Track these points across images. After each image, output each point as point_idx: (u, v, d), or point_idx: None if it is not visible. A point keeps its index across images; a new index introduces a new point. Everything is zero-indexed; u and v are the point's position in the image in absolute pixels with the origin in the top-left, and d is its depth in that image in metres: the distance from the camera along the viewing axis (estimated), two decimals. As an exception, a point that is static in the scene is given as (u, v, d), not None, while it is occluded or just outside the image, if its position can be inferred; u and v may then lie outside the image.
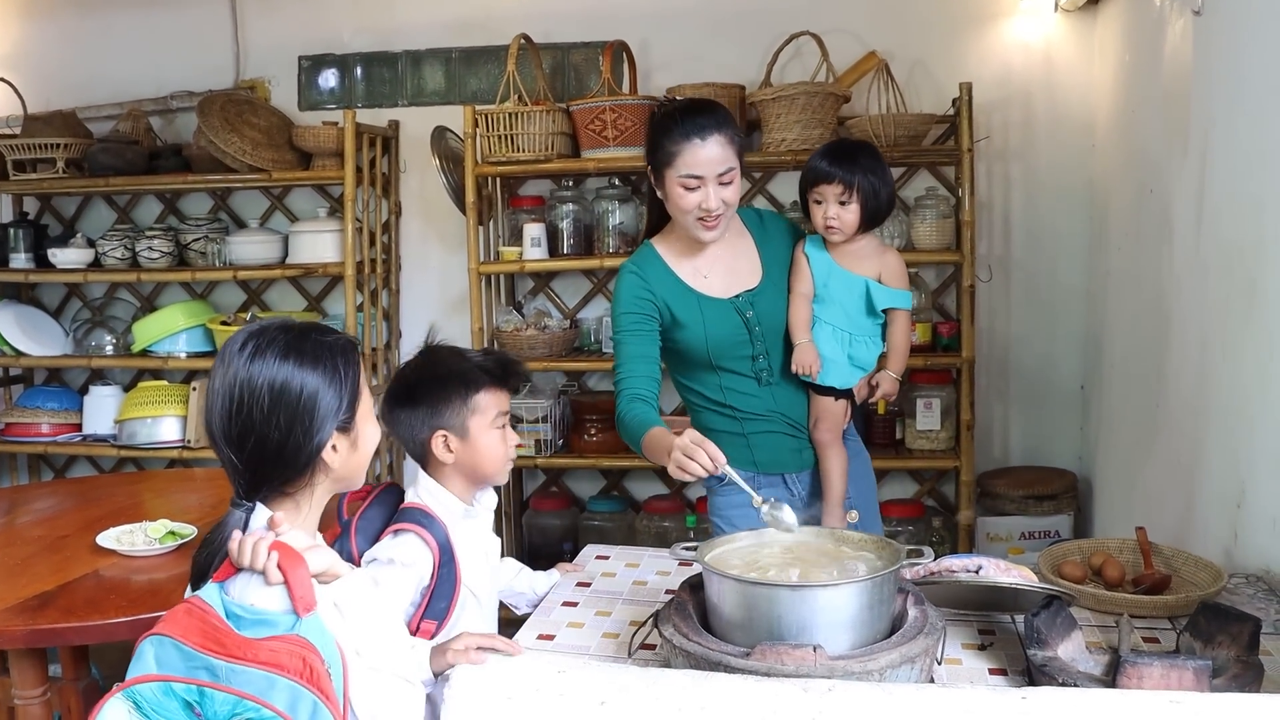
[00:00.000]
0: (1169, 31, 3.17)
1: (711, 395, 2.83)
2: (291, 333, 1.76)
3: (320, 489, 1.81)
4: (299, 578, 1.61)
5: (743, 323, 2.77)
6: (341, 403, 1.75)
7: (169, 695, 1.55)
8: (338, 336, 1.81)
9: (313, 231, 4.90)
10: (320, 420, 1.72)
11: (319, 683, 1.55)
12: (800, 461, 2.87)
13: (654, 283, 2.75)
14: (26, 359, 5.17)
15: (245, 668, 1.54)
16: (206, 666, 1.55)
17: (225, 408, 1.71)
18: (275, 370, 1.71)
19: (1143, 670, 1.72)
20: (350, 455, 1.81)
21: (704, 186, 2.61)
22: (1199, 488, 2.76)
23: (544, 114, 4.36)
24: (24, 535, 3.25)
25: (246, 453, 1.72)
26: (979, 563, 2.08)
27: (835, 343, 2.79)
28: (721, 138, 2.60)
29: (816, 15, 4.49)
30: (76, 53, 5.36)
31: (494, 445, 2.37)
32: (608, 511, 4.79)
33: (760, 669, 1.70)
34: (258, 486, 1.74)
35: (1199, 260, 2.81)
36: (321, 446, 1.74)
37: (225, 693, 1.53)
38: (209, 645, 1.57)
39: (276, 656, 1.55)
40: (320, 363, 1.74)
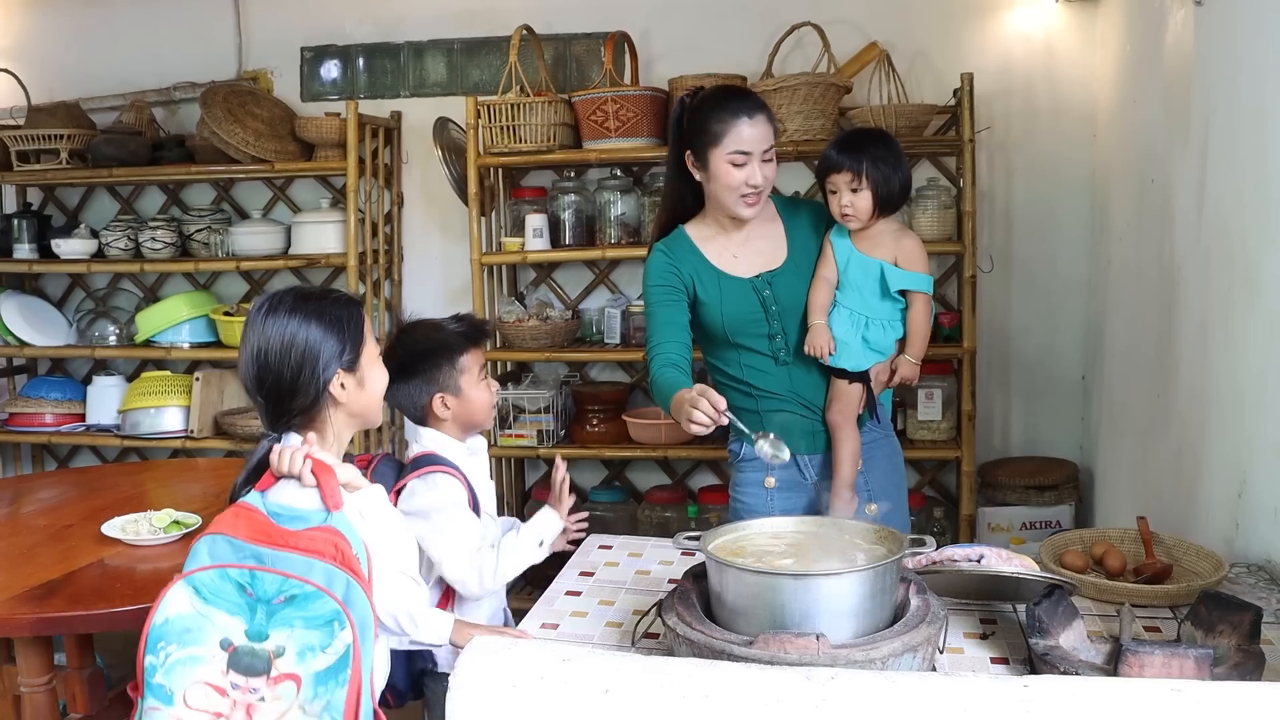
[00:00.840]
0: (1170, 22, 3.18)
1: (731, 372, 2.91)
2: (300, 294, 2.11)
3: (338, 421, 2.13)
4: (329, 481, 1.95)
5: (759, 301, 2.83)
6: (345, 347, 2.09)
7: (224, 579, 1.85)
8: (341, 294, 2.17)
9: (315, 222, 4.91)
10: (326, 361, 2.06)
11: (351, 565, 1.85)
12: (813, 444, 2.90)
13: (680, 260, 2.86)
14: (30, 349, 5.19)
15: (287, 553, 1.85)
16: (254, 554, 1.87)
17: (249, 357, 2.07)
18: (284, 322, 2.05)
19: (1144, 659, 1.73)
20: (358, 393, 2.13)
21: (750, 163, 2.73)
22: (1200, 477, 2.76)
23: (546, 105, 4.36)
24: (29, 525, 3.26)
25: (266, 390, 2.06)
26: (981, 552, 2.09)
27: (850, 325, 2.81)
28: (765, 117, 2.75)
29: (818, 6, 4.50)
30: (80, 44, 5.38)
31: (483, 396, 2.68)
32: (609, 502, 4.80)
33: (763, 657, 1.71)
34: (279, 418, 2.08)
35: (1200, 249, 2.82)
36: (328, 382, 2.06)
37: (272, 574, 1.84)
38: (256, 537, 1.88)
39: (314, 544, 1.86)
40: (324, 315, 2.08)
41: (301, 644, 1.82)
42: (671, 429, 4.49)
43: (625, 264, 4.88)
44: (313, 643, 1.81)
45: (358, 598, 1.85)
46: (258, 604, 1.84)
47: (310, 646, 1.81)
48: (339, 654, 1.81)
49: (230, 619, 1.84)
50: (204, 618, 1.85)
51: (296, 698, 1.80)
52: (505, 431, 4.56)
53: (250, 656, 1.82)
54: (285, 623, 1.82)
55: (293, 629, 1.82)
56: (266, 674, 1.81)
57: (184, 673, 1.83)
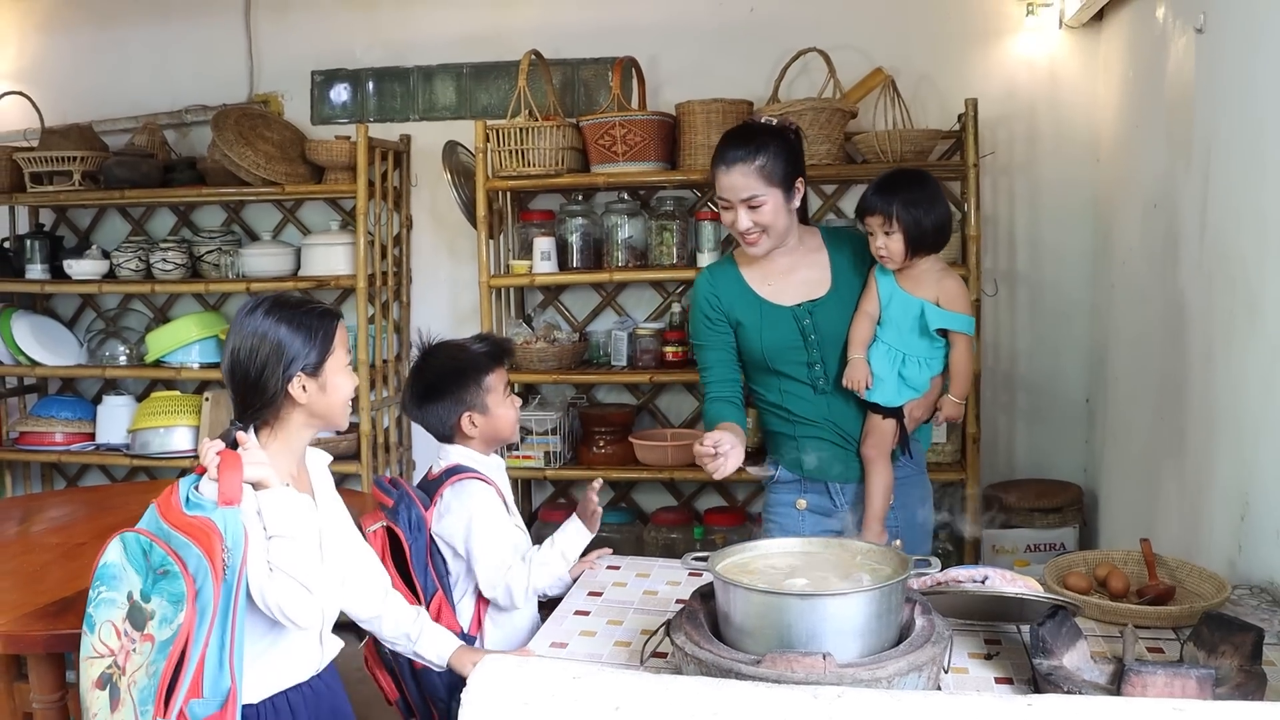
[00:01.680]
0: (1172, 48, 3.21)
1: (771, 398, 2.98)
2: (278, 300, 2.27)
3: (297, 420, 2.28)
4: (229, 479, 2.10)
5: (798, 330, 2.89)
6: (310, 352, 2.24)
7: (138, 543, 2.08)
8: (317, 304, 2.32)
9: (325, 244, 4.94)
10: (288, 361, 2.21)
11: (213, 556, 2.02)
12: (846, 472, 2.94)
13: (720, 287, 2.96)
14: (41, 368, 5.22)
15: (176, 534, 2.05)
16: (159, 528, 2.08)
17: (226, 352, 2.26)
18: (260, 322, 2.23)
19: (1147, 679, 1.75)
20: (319, 396, 2.27)
21: (734, 209, 2.80)
22: (1203, 500, 2.78)
23: (554, 129, 4.40)
24: (40, 543, 3.29)
25: (235, 383, 2.25)
26: (985, 573, 2.11)
27: (887, 361, 2.83)
28: (745, 167, 2.76)
29: (824, 32, 4.54)
30: (93, 67, 5.43)
31: (508, 412, 2.85)
32: (616, 523, 4.81)
33: (771, 676, 1.73)
34: (244, 411, 2.25)
35: (1203, 274, 2.85)
36: (288, 381, 2.22)
37: (161, 548, 2.04)
38: (165, 513, 2.10)
39: (193, 530, 2.04)
40: (294, 320, 2.24)
41: (161, 614, 2.03)
42: (678, 451, 4.51)
43: (632, 287, 4.92)
44: (167, 615, 2.02)
45: (207, 587, 2.01)
46: (149, 570, 2.06)
47: (165, 618, 2.02)
48: (174, 630, 2.00)
49: (135, 576, 2.07)
50: (123, 570, 2.09)
51: (147, 656, 2.02)
52: (512, 453, 4.58)
53: (138, 612, 2.05)
54: (159, 591, 2.03)
55: (161, 599, 2.03)
56: (142, 630, 2.04)
57: (104, 610, 2.09)
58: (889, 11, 4.63)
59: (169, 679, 1.99)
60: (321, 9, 5.18)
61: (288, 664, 2.31)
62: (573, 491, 5.04)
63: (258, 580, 2.12)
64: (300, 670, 2.34)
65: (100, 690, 2.07)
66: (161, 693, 1.98)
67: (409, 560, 2.68)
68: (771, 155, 2.78)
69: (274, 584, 2.14)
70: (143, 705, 2.00)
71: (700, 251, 4.52)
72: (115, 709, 2.04)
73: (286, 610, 2.16)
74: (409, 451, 5.22)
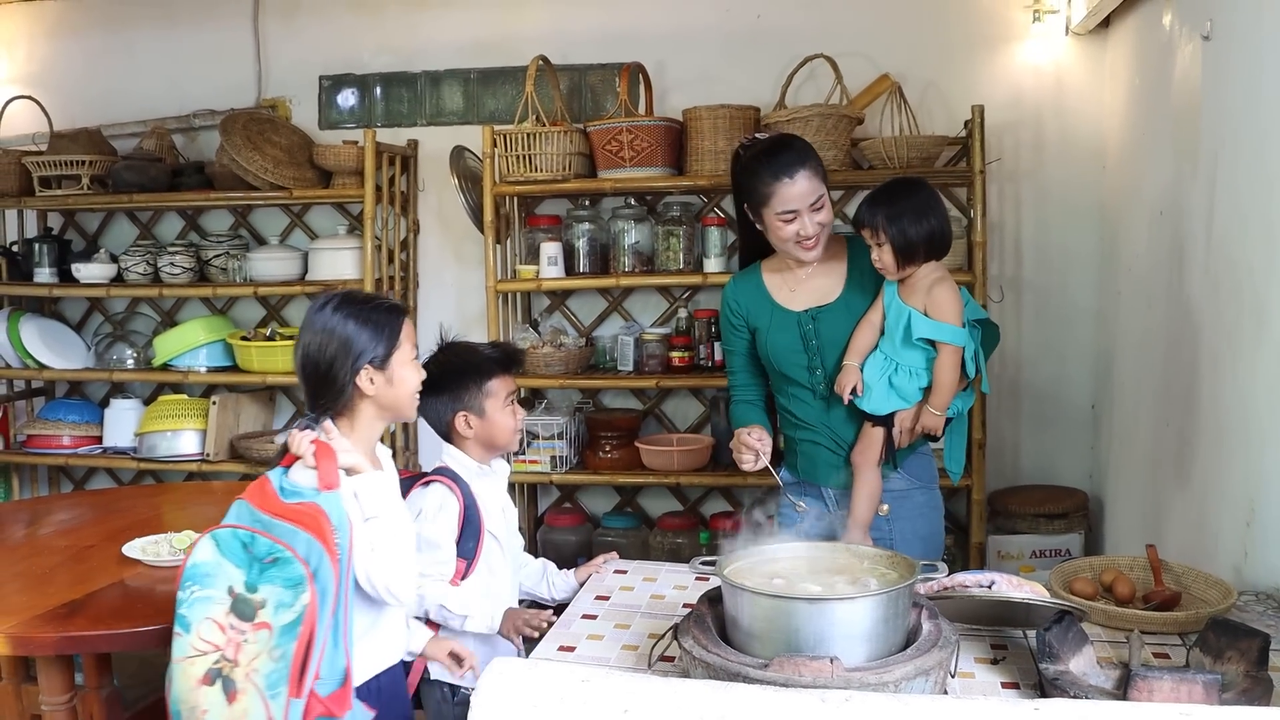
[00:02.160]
0: (1179, 56, 3.22)
1: (782, 400, 3.05)
2: (348, 296, 2.39)
3: (367, 411, 2.38)
4: (326, 464, 2.20)
5: (800, 335, 2.93)
6: (378, 346, 2.33)
7: (235, 537, 2.15)
8: (385, 300, 2.42)
9: (332, 249, 4.95)
10: (356, 354, 2.31)
11: (325, 538, 2.10)
12: (837, 478, 2.97)
13: (741, 293, 3.05)
14: (48, 372, 5.24)
15: (280, 522, 2.13)
16: (259, 520, 2.16)
17: (299, 346, 2.36)
18: (330, 317, 2.33)
19: (1153, 684, 1.75)
20: (386, 388, 2.37)
21: (800, 217, 2.82)
22: (1209, 506, 2.79)
23: (561, 134, 4.41)
24: (49, 546, 3.29)
25: (307, 375, 2.36)
26: (992, 578, 2.11)
27: (879, 369, 2.84)
28: (807, 171, 2.81)
29: (830, 38, 4.55)
30: (101, 71, 5.45)
31: (505, 420, 2.86)
32: (621, 528, 4.82)
33: (778, 680, 1.73)
34: (314, 402, 2.36)
35: (1209, 280, 2.85)
36: (356, 372, 2.32)
37: (264, 538, 2.12)
38: (263, 505, 2.17)
39: (300, 516, 2.12)
40: (365, 315, 2.34)
41: (277, 600, 2.08)
42: (684, 455, 4.52)
43: (639, 292, 4.93)
44: (284, 600, 2.08)
45: (324, 568, 2.09)
46: (254, 561, 2.12)
47: (283, 603, 2.08)
48: (298, 612, 2.06)
49: (236, 570, 2.13)
50: (219, 566, 2.15)
51: (267, 643, 2.08)
52: (519, 457, 4.58)
53: (244, 604, 2.11)
54: (269, 580, 2.10)
55: (274, 586, 2.09)
56: (252, 620, 2.10)
57: (200, 609, 2.14)
58: (896, 18, 4.64)
59: (300, 661, 2.07)
60: (329, 14, 5.20)
61: (383, 647, 2.43)
62: (578, 496, 5.05)
63: (362, 561, 2.23)
64: (392, 653, 2.48)
65: (208, 686, 2.12)
66: (295, 675, 2.06)
67: None
68: (813, 156, 2.86)
69: (377, 563, 2.24)
70: (272, 690, 2.07)
71: (707, 257, 4.53)
72: (233, 700, 2.10)
73: (391, 586, 2.27)
74: (415, 455, 5.23)
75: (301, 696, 2.06)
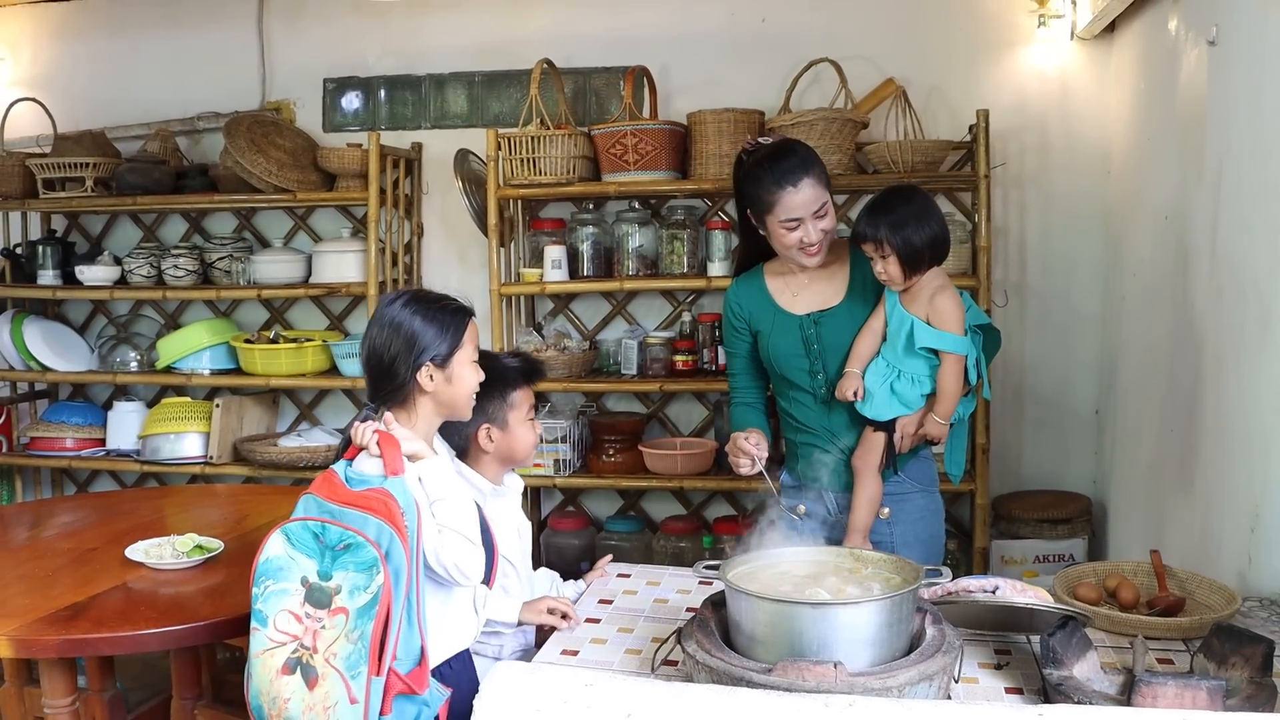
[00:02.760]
0: (1184, 61, 3.22)
1: (783, 404, 3.04)
2: (417, 294, 2.45)
3: (425, 407, 2.43)
4: (391, 452, 2.26)
5: (802, 339, 2.93)
6: (441, 344, 2.38)
7: (305, 529, 2.21)
8: (453, 301, 2.47)
9: (336, 251, 4.96)
10: (419, 351, 2.37)
11: (395, 520, 2.16)
12: (837, 481, 2.95)
13: (744, 296, 3.04)
14: (52, 374, 5.24)
15: (349, 510, 2.19)
16: (328, 510, 2.22)
17: (366, 336, 2.42)
18: (398, 312, 2.39)
19: (1157, 690, 1.75)
20: (445, 386, 2.42)
21: (803, 225, 2.81)
22: (1213, 512, 2.78)
23: (565, 138, 4.41)
24: (52, 548, 3.29)
25: (371, 367, 2.41)
26: (996, 583, 2.11)
27: (880, 376, 2.83)
28: (811, 179, 2.79)
29: (835, 42, 4.55)
30: (106, 74, 5.46)
31: (527, 433, 2.86)
32: (625, 531, 4.82)
33: (782, 684, 1.73)
34: (376, 393, 2.42)
35: (1213, 286, 2.85)
36: (417, 369, 2.37)
37: (336, 526, 2.18)
38: (331, 495, 2.24)
39: (369, 502, 2.18)
40: (431, 314, 2.40)
41: (351, 584, 2.14)
42: (687, 459, 4.52)
43: (643, 296, 4.93)
44: (359, 583, 2.13)
45: (396, 549, 2.15)
46: (326, 550, 2.19)
47: (357, 586, 2.13)
48: (373, 594, 2.12)
49: (309, 561, 2.20)
50: (291, 559, 2.21)
51: (344, 626, 2.13)
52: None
53: (319, 592, 2.17)
54: (342, 566, 2.16)
55: (347, 571, 2.15)
56: (328, 607, 2.16)
57: (275, 602, 2.20)
58: (901, 23, 4.64)
59: (379, 640, 2.12)
60: (334, 17, 5.21)
61: (452, 631, 2.47)
62: (581, 500, 5.05)
63: (431, 542, 2.28)
64: (464, 636, 2.51)
65: (289, 675, 2.18)
66: (374, 654, 2.12)
67: None
68: (816, 162, 2.84)
69: (445, 543, 2.29)
70: (352, 671, 2.12)
71: (711, 260, 4.52)
72: (314, 686, 2.15)
73: (461, 564, 2.31)
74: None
75: (382, 674, 2.13)
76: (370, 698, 2.12)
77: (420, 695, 2.20)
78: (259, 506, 3.70)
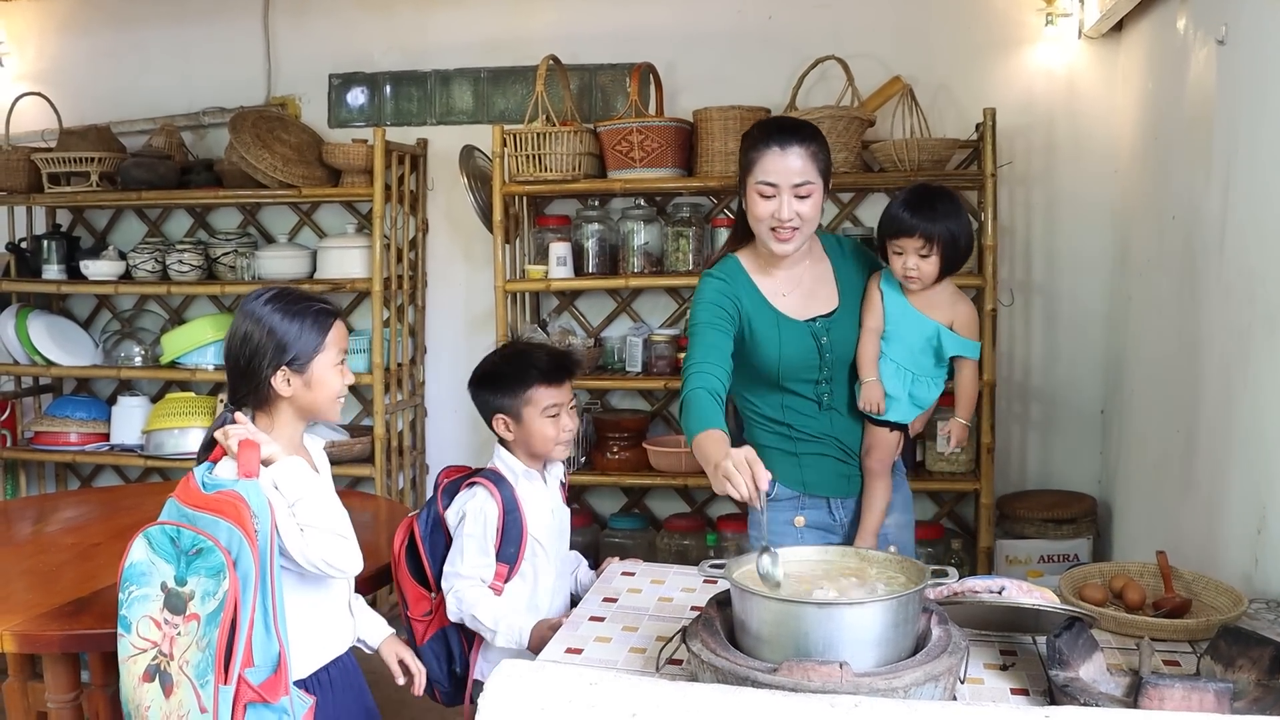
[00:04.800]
0: (1193, 60, 3.21)
1: (770, 413, 2.84)
2: (276, 294, 2.38)
3: (285, 410, 2.39)
4: (247, 454, 2.22)
5: (816, 348, 2.78)
6: (298, 347, 2.33)
7: (163, 534, 2.17)
8: (317, 301, 2.41)
9: (341, 247, 4.96)
10: (273, 355, 2.32)
11: (245, 525, 2.12)
12: (847, 488, 2.88)
13: (739, 289, 2.77)
14: (56, 368, 5.24)
15: (202, 514, 2.15)
16: (184, 514, 2.17)
17: (228, 332, 2.38)
18: (256, 312, 2.34)
19: (1164, 692, 1.74)
20: (304, 391, 2.37)
21: (779, 195, 2.63)
22: (1220, 513, 2.77)
23: (571, 134, 4.41)
24: (55, 543, 3.29)
25: (229, 368, 2.38)
26: (1001, 584, 2.10)
27: (898, 380, 2.80)
28: (803, 150, 2.63)
29: (842, 40, 4.55)
30: (111, 69, 5.46)
31: (544, 429, 2.79)
32: (629, 529, 4.82)
33: (787, 684, 1.72)
34: (235, 397, 2.39)
35: (1221, 286, 2.84)
36: (270, 374, 2.33)
37: (189, 530, 2.14)
38: (186, 499, 2.19)
39: (219, 505, 2.14)
40: (290, 314, 2.35)
41: (203, 590, 2.12)
42: (691, 457, 4.48)
43: (648, 293, 4.92)
44: (209, 589, 2.11)
45: (245, 555, 2.11)
46: (180, 554, 2.15)
47: (207, 592, 2.11)
48: (220, 600, 2.09)
49: (167, 566, 2.16)
50: (152, 564, 2.18)
51: (195, 633, 2.11)
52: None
53: (176, 598, 2.14)
54: (195, 571, 2.13)
55: (199, 576, 2.12)
56: (184, 613, 2.13)
57: (138, 608, 2.18)
58: (908, 21, 4.63)
59: (224, 648, 2.09)
60: (339, 12, 5.20)
61: (326, 637, 2.45)
62: (585, 497, 5.04)
63: (296, 544, 2.24)
64: (337, 644, 2.48)
65: (149, 683, 2.16)
66: (220, 662, 2.08)
67: (423, 556, 2.80)
68: (820, 144, 2.68)
69: (311, 541, 2.26)
70: (200, 679, 2.09)
71: (716, 258, 4.51)
72: (169, 694, 2.13)
73: (331, 559, 2.28)
74: (423, 455, 5.23)
75: (229, 683, 2.09)
76: (219, 706, 2.09)
77: (275, 704, 2.16)
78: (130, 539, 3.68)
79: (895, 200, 2.79)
